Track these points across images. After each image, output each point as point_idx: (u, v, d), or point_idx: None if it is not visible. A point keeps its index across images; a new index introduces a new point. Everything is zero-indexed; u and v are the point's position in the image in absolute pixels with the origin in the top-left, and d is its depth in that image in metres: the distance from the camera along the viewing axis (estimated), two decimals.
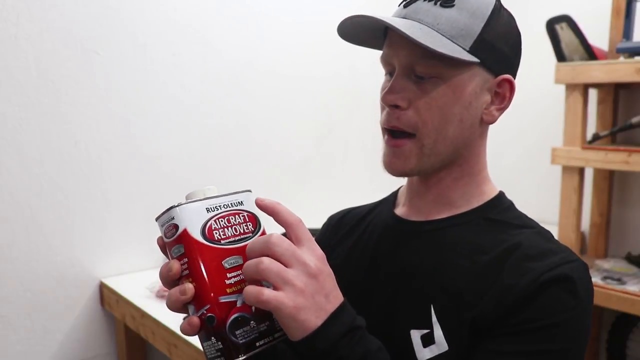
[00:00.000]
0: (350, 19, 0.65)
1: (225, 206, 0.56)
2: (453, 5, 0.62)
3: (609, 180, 2.13)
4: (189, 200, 0.54)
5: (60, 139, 1.51)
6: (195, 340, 1.21)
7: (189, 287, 0.52)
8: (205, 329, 0.52)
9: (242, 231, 0.56)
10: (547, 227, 0.71)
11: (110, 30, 1.57)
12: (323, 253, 0.55)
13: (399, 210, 0.76)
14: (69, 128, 1.52)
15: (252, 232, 0.57)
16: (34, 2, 1.43)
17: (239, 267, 0.54)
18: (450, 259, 0.66)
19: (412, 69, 0.64)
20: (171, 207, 0.54)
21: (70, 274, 1.56)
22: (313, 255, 0.53)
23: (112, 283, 1.59)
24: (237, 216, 0.56)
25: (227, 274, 0.53)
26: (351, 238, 0.80)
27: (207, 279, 0.52)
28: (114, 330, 1.67)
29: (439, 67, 0.63)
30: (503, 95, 0.67)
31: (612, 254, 2.16)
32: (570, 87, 1.82)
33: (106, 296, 1.60)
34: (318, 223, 1.00)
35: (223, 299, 0.52)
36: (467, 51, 0.62)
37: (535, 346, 0.59)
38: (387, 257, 0.73)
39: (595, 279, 1.82)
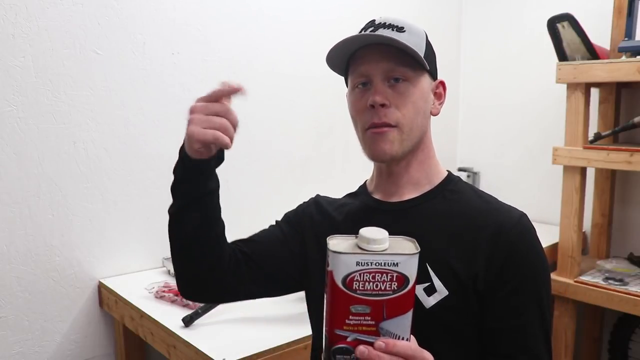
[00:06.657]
0: (349, 39, 0.81)
1: (377, 264, 0.61)
2: (405, 31, 0.83)
3: (610, 180, 2.12)
4: (344, 252, 0.62)
5: (59, 138, 1.50)
6: (194, 341, 1.21)
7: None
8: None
9: (382, 288, 0.62)
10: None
11: (109, 29, 1.56)
12: None
13: (376, 196, 0.93)
14: (68, 128, 1.51)
15: (394, 291, 0.62)
16: (32, 1, 1.42)
17: (363, 314, 0.63)
18: (432, 226, 0.85)
19: (390, 75, 0.83)
20: (332, 252, 0.62)
21: (69, 275, 1.56)
22: None
23: (111, 283, 1.58)
24: (384, 275, 0.62)
25: (350, 317, 0.63)
26: (335, 218, 0.94)
27: (331, 314, 0.63)
28: (112, 331, 1.66)
29: (408, 72, 0.83)
30: (440, 94, 0.90)
31: (614, 255, 2.15)
32: (572, 87, 1.82)
33: (105, 297, 1.59)
34: None
35: (337, 332, 0.63)
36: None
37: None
38: None
39: (597, 280, 1.82)
